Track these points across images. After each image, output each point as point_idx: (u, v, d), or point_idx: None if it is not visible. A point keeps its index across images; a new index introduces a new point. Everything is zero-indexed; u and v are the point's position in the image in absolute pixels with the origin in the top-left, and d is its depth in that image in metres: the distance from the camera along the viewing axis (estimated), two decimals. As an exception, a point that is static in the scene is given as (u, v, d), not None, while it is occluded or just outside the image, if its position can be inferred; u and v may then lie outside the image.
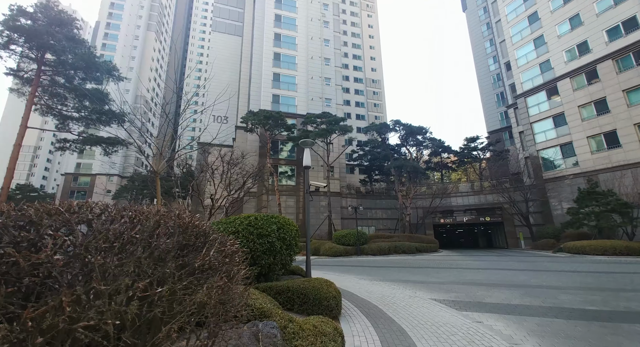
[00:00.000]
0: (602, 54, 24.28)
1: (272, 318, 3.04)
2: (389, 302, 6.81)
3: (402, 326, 5.07)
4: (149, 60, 63.83)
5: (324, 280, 5.93)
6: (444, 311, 6.03)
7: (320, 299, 5.12)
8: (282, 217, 6.69)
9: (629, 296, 7.31)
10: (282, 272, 6.38)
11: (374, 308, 6.23)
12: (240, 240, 5.77)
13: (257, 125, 27.24)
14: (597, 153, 24.22)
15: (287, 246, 6.42)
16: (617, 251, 16.65)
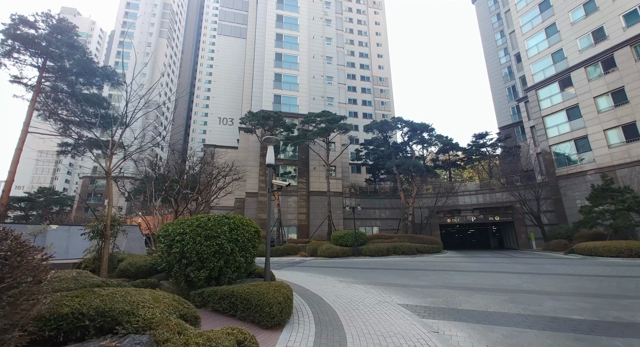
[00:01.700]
0: (620, 40, 22.54)
1: (159, 329, 2.78)
2: (352, 308, 6.42)
3: (347, 335, 4.71)
4: (161, 65, 65.69)
5: (278, 284, 5.64)
6: (405, 319, 5.59)
7: (262, 305, 4.84)
8: (239, 217, 6.46)
9: (626, 303, 6.57)
10: (236, 276, 6.14)
11: (331, 314, 5.88)
12: (187, 242, 5.59)
13: (256, 125, 27.28)
14: (614, 147, 22.52)
15: (242, 248, 6.17)
16: (634, 253, 15.33)
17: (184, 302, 3.73)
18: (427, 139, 34.19)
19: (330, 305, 6.65)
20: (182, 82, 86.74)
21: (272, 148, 7.28)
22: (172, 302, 3.52)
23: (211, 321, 4.88)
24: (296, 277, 11.03)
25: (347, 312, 6.03)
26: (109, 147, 6.76)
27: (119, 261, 6.84)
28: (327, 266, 15.90)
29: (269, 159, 7.19)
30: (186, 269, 5.52)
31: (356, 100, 54.21)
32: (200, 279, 5.54)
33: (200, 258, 5.52)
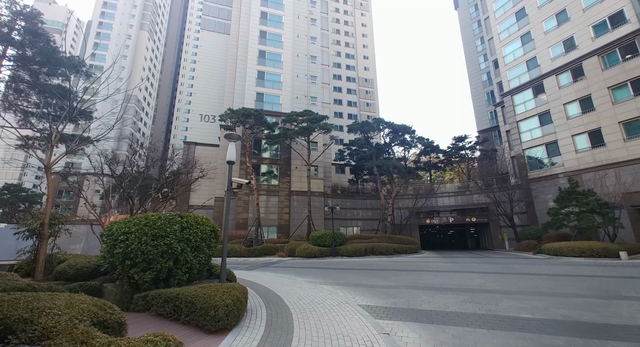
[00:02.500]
0: (588, 50, 23.67)
1: (57, 339, 2.52)
2: (310, 309, 6.29)
3: (293, 339, 4.56)
4: (142, 59, 63.42)
5: (229, 286, 5.43)
6: (360, 320, 5.51)
7: (207, 308, 4.61)
8: (193, 216, 6.19)
9: (577, 302, 6.78)
10: (188, 277, 5.86)
11: (286, 317, 5.72)
12: (131, 241, 5.28)
13: (237, 123, 26.74)
14: (581, 152, 23.62)
15: (195, 248, 5.91)
16: (594, 253, 16.08)
17: (108, 308, 3.46)
18: (409, 140, 34.66)
19: (289, 307, 6.50)
20: (165, 78, 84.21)
21: (234, 145, 7.05)
22: (92, 308, 3.25)
23: (150, 326, 4.61)
24: (265, 278, 10.80)
25: (304, 314, 5.89)
26: (51, 140, 6.31)
27: (60, 262, 6.40)
28: (302, 267, 15.73)
29: (230, 155, 6.96)
30: (130, 271, 5.20)
31: (341, 100, 54.39)
32: (146, 281, 5.24)
33: (146, 259, 5.22)
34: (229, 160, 6.87)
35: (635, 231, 20.32)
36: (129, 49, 60.13)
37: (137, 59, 62.35)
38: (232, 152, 6.91)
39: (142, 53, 63.41)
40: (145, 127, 65.93)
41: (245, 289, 5.89)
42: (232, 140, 6.99)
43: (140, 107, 62.50)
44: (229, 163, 6.90)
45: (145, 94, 65.13)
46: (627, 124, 21.40)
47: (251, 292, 7.94)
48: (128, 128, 56.03)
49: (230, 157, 6.90)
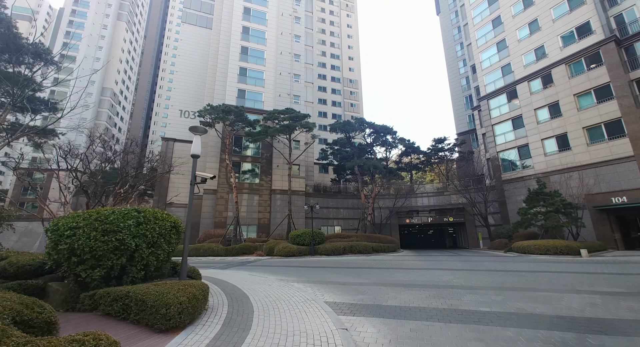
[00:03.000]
0: (557, 58, 24.96)
1: None
2: (274, 307, 6.18)
3: (247, 336, 4.44)
4: (119, 51, 60.73)
5: (186, 284, 5.22)
6: (321, 317, 5.47)
7: (158, 306, 4.40)
8: (152, 211, 5.92)
9: (533, 296, 7.07)
10: (144, 275, 5.59)
11: (246, 314, 5.58)
12: (78, 237, 4.96)
13: (216, 120, 26.11)
14: (550, 155, 24.86)
15: (152, 244, 5.65)
16: (558, 251, 16.95)
17: (37, 306, 3.21)
18: (391, 141, 35.19)
19: (253, 304, 6.36)
20: (144, 71, 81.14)
21: (199, 138, 6.81)
22: (16, 306, 2.99)
23: (90, 326, 4.32)
24: (236, 276, 10.57)
25: (266, 311, 5.78)
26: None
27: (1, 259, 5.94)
28: (278, 265, 15.57)
29: (194, 149, 6.73)
30: (77, 268, 4.89)
31: (326, 100, 54.50)
32: (95, 278, 4.94)
33: (94, 255, 4.92)
34: (193, 154, 6.64)
35: (596, 230, 21.62)
36: (105, 40, 57.47)
37: (114, 51, 59.67)
38: (196, 145, 6.68)
39: (119, 45, 60.74)
40: (122, 121, 63.21)
41: (206, 287, 5.71)
42: (198, 134, 6.76)
43: (117, 101, 59.85)
44: (193, 157, 6.67)
45: (122, 87, 62.43)
46: (590, 129, 22.74)
47: (217, 290, 7.73)
48: (102, 122, 53.48)
49: (194, 150, 6.67)
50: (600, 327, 4.78)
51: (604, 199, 21.21)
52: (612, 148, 21.39)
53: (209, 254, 22.51)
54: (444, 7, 46.49)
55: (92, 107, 52.14)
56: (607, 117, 21.84)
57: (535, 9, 27.01)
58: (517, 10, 28.71)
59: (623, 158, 20.77)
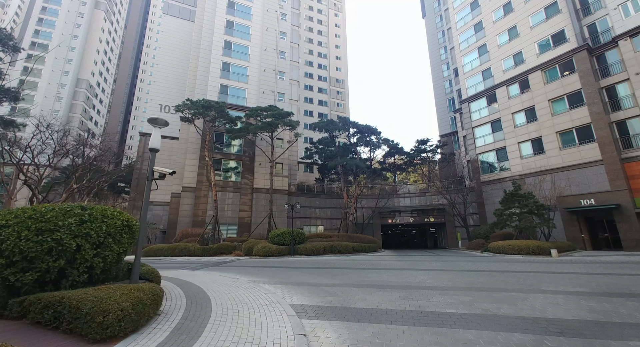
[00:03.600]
0: (533, 64, 25.80)
1: None
2: (235, 310, 5.86)
3: (194, 345, 4.11)
4: (96, 41, 57.93)
5: (133, 287, 4.81)
6: (281, 321, 5.20)
7: (94, 313, 3.99)
8: (100, 208, 5.45)
9: (499, 296, 7.08)
10: (87, 278, 5.12)
11: (202, 320, 5.23)
12: (7, 237, 4.45)
13: (197, 115, 25.27)
14: (525, 158, 25.67)
15: (98, 244, 5.18)
16: (531, 251, 17.44)
17: None
18: (375, 142, 35.33)
19: (213, 308, 6.01)
20: (125, 63, 77.95)
21: (159, 131, 6.37)
22: None
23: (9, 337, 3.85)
24: (205, 278, 10.12)
25: (224, 316, 5.45)
26: None
27: None
28: (254, 266, 15.17)
29: (153, 142, 6.29)
30: (5, 271, 4.39)
31: (312, 99, 54.25)
32: (26, 283, 4.45)
33: (26, 257, 4.44)
34: (152, 148, 6.20)
35: (566, 231, 22.49)
36: (81, 29, 54.69)
37: (91, 40, 56.89)
38: (155, 139, 6.25)
39: (96, 34, 57.96)
40: (98, 115, 60.41)
41: (158, 290, 5.31)
42: (157, 126, 6.32)
43: (93, 93, 57.12)
44: (152, 151, 6.22)
45: (99, 79, 59.66)
46: (563, 134, 23.64)
47: (178, 293, 7.31)
48: (77, 115, 50.87)
49: (153, 144, 6.22)
50: (559, 328, 4.77)
51: (574, 201, 22.09)
52: (582, 152, 22.31)
53: (185, 253, 21.76)
54: (429, 11, 47.24)
55: (65, 99, 49.51)
56: (578, 122, 22.76)
57: (515, 15, 27.82)
58: (497, 16, 29.48)
59: (592, 162, 21.70)
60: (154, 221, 35.99)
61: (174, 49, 42.08)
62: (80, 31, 54.82)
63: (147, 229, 30.74)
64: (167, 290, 7.63)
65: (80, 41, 54.53)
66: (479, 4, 31.32)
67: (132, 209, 32.75)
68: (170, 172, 6.16)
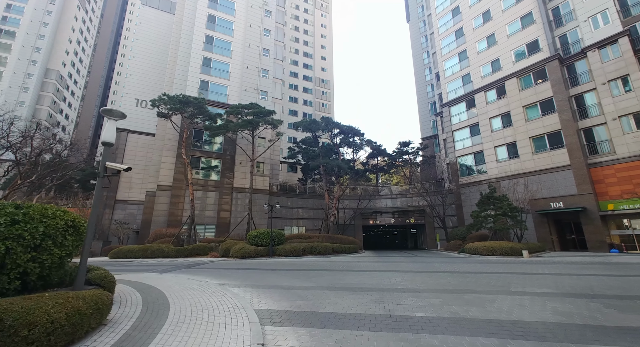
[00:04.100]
0: (510, 72, 26.74)
1: None
2: (193, 318, 5.46)
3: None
4: (68, 30, 54.73)
5: (73, 295, 4.33)
6: (240, 330, 4.87)
7: (19, 326, 3.50)
8: (39, 207, 4.89)
9: (469, 298, 7.07)
10: (19, 286, 4.57)
11: (153, 328, 4.80)
12: None
13: (174, 111, 24.26)
14: (501, 162, 26.53)
15: (33, 248, 4.64)
16: (504, 252, 17.96)
17: None
18: (358, 143, 35.43)
19: (170, 316, 5.57)
20: (100, 55, 74.26)
21: (113, 123, 5.86)
22: None
23: None
24: (172, 281, 9.57)
25: (179, 325, 5.04)
26: None
27: None
28: (229, 267, 14.63)
29: (107, 135, 5.76)
30: None
31: (297, 99, 53.84)
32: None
33: (-61, 262, 3.86)
34: (105, 142, 5.68)
35: (537, 232, 23.40)
36: (52, 16, 51.51)
37: (62, 29, 53.71)
38: (110, 132, 5.72)
39: (69, 23, 54.78)
40: (69, 108, 57.11)
41: (105, 298, 4.83)
42: (112, 118, 5.81)
43: (64, 85, 53.93)
44: (105, 144, 5.70)
45: (71, 70, 56.42)
46: (536, 139, 24.61)
47: (136, 299, 6.79)
48: (45, 107, 47.79)
49: (107, 137, 5.70)
50: (522, 331, 4.73)
51: (544, 204, 23.02)
52: (552, 157, 23.30)
53: (157, 255, 20.79)
54: (413, 16, 48.12)
55: (32, 90, 46.40)
56: (549, 128, 23.77)
57: (493, 24, 28.75)
58: (477, 23, 30.37)
59: (561, 167, 22.71)
60: (127, 220, 34.29)
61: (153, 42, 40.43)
62: (51, 19, 51.60)
63: (118, 229, 29.24)
64: (125, 296, 7.08)
65: (50, 29, 51.31)
66: (460, 11, 32.17)
67: (103, 207, 31.07)
68: (125, 169, 5.67)
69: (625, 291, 7.62)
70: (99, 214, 30.68)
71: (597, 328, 4.79)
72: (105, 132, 5.76)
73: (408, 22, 49.92)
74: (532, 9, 25.93)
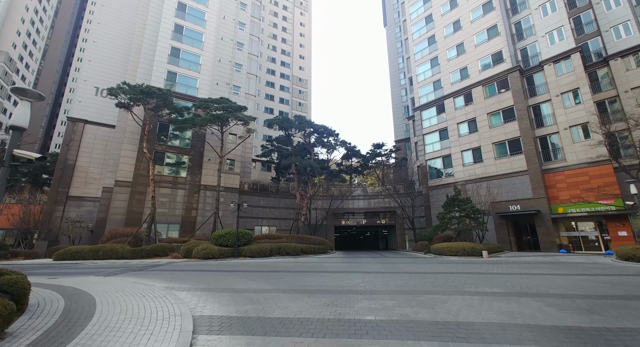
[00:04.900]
0: (476, 80, 28.03)
1: None
2: (116, 327, 4.84)
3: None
4: (21, 9, 49.61)
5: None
6: (166, 341, 4.35)
7: None
8: None
9: (422, 299, 7.02)
10: None
11: (60, 342, 4.15)
12: None
13: (135, 101, 22.60)
14: (467, 166, 27.70)
15: None
16: (465, 252, 18.62)
17: None
18: (333, 143, 35.41)
19: (88, 327, 4.90)
20: (58, 38, 68.15)
21: (28, 105, 5.07)
22: None
23: None
24: (113, 285, 8.68)
25: (93, 338, 4.41)
26: None
27: None
28: (187, 269, 13.76)
29: (19, 119, 4.97)
30: None
31: (274, 96, 52.91)
32: None
33: None
34: (14, 126, 4.89)
35: (497, 234, 24.65)
36: (0, -9, 46.37)
37: (15, 7, 48.60)
38: (22, 115, 4.93)
39: (22, 1, 49.68)
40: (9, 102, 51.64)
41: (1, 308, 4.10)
42: (26, 99, 5.02)
43: (14, 69, 48.80)
44: (14, 129, 4.91)
45: (22, 52, 51.20)
46: (498, 145, 25.96)
47: (55, 308, 5.98)
48: (-12, 93, 42.82)
49: (17, 121, 4.90)
50: (465, 333, 4.67)
51: (504, 206, 24.31)
52: (512, 163, 24.69)
53: (111, 256, 19.19)
54: (390, 21, 49.18)
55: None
56: (510, 135, 25.17)
57: (462, 33, 30.01)
58: (448, 32, 31.57)
59: (519, 172, 24.11)
60: (83, 218, 31.56)
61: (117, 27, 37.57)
62: (-1, -6, 46.39)
63: (69, 228, 26.78)
64: (45, 303, 6.23)
65: (1, 7, 46.15)
66: (433, 19, 33.28)
67: (52, 204, 28.35)
68: (37, 157, 4.90)
69: (566, 289, 8.00)
70: (47, 211, 27.93)
71: (535, 328, 4.84)
72: (17, 114, 4.96)
73: (385, 27, 50.94)
74: (497, 21, 27.37)
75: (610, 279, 9.65)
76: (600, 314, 5.56)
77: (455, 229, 22.04)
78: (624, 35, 23.04)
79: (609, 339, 4.31)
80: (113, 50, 37.18)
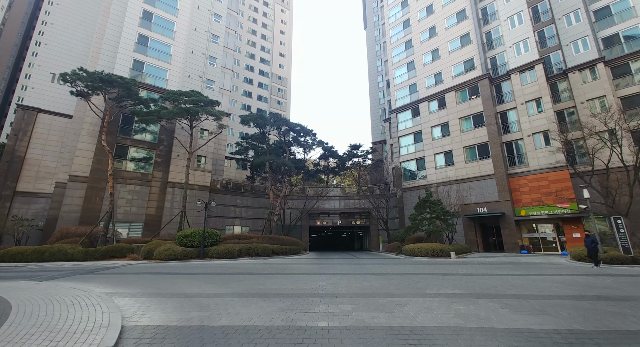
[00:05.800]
0: (449, 85, 28.88)
1: None
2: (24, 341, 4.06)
3: None
4: (-32, -18, 44.62)
5: None
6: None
7: None
8: None
9: (382, 302, 6.75)
10: None
11: None
12: None
13: (94, 90, 20.82)
14: (439, 168, 28.42)
15: None
16: (435, 253, 18.92)
17: None
18: (310, 143, 34.98)
19: None
20: (14, 19, 62.18)
21: None
22: None
23: None
24: (43, 291, 7.63)
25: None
26: None
27: None
28: (142, 272, 12.70)
29: None
30: None
31: (252, 93, 51.63)
32: None
33: None
34: None
35: (466, 235, 25.43)
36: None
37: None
38: None
39: (-30, -26, 44.70)
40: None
41: None
42: None
43: (-43, 49, 43.71)
44: None
45: (-31, 32, 46.02)
46: (468, 149, 26.86)
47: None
48: None
49: None
50: (417, 339, 4.41)
51: (472, 209, 25.14)
52: (480, 166, 25.61)
53: (59, 258, 17.46)
54: (370, 24, 49.75)
55: None
56: (479, 140, 26.11)
57: (437, 39, 30.85)
58: (424, 37, 32.34)
59: (487, 175, 25.06)
60: (33, 216, 28.72)
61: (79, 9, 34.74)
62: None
63: (15, 226, 24.20)
64: (-59, 316, 5.24)
65: (-60, -23, 41.15)
66: (410, 24, 33.96)
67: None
68: None
69: (523, 289, 8.12)
70: (-11, 208, 25.08)
71: (488, 331, 4.69)
72: None
73: (365, 29, 51.44)
74: (470, 30, 28.39)
75: (564, 279, 10.02)
76: (551, 315, 5.57)
77: (426, 230, 22.41)
78: (582, 49, 24.70)
79: (557, 342, 4.23)
80: (73, 34, 34.41)
